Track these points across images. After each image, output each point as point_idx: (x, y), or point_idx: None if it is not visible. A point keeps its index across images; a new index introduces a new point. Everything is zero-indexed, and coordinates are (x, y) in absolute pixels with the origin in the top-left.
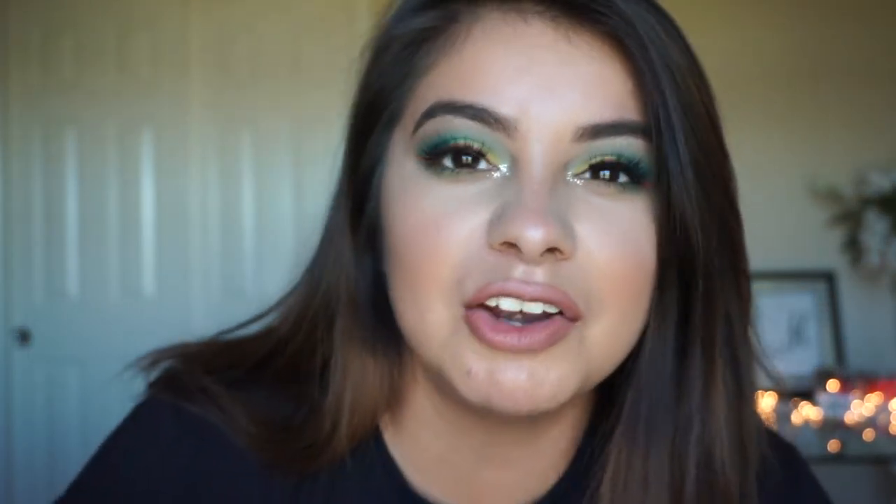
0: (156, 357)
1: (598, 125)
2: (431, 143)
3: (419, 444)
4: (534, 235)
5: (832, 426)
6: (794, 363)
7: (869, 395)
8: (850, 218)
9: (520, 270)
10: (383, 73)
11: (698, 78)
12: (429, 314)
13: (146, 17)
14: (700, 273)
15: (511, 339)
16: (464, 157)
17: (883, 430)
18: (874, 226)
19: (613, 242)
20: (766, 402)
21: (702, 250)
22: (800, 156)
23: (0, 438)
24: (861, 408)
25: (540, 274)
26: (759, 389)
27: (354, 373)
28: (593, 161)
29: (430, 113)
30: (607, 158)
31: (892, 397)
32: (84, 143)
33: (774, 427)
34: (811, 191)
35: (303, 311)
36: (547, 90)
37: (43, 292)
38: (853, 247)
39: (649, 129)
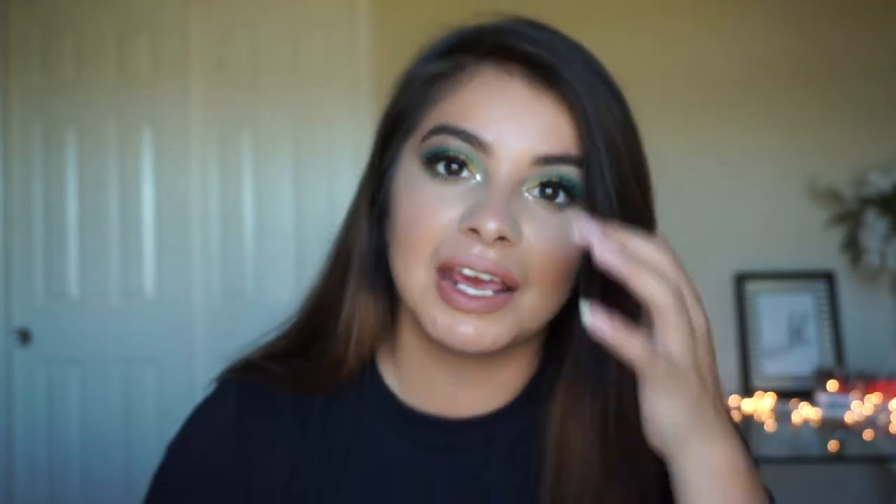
0: (242, 358)
1: (549, 156)
2: (432, 151)
3: (410, 372)
4: (490, 226)
5: (832, 426)
6: (794, 363)
7: (868, 395)
8: (849, 218)
9: (477, 249)
10: (406, 99)
11: (624, 128)
12: (413, 271)
13: (146, 18)
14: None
15: (462, 301)
16: (452, 165)
17: (883, 430)
18: (874, 226)
19: (547, 240)
20: (766, 402)
21: None
22: (800, 156)
23: (0, 438)
24: (861, 408)
25: (491, 253)
26: (758, 391)
27: (360, 308)
28: (543, 180)
29: (436, 131)
30: (553, 179)
31: (891, 397)
32: (84, 142)
33: (772, 427)
34: (811, 191)
35: (330, 268)
36: (518, 129)
37: (43, 293)
38: (853, 247)
39: (583, 162)
